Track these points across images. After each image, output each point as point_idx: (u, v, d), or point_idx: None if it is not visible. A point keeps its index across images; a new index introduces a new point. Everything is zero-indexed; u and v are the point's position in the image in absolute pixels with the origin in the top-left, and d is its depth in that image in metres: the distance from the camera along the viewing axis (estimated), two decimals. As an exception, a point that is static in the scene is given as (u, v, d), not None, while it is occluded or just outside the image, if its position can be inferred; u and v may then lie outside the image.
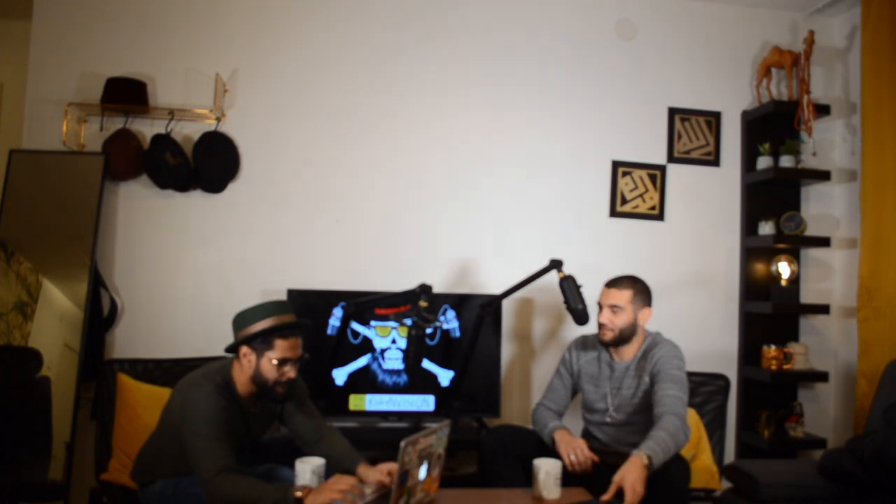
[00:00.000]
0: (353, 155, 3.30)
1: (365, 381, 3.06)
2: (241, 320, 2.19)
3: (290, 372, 2.17)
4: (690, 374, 2.51)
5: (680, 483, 2.18)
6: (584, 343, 2.69)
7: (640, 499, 2.00)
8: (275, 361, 2.14)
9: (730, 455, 3.33)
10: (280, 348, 2.14)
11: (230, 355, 2.25)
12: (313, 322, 3.01)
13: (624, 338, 2.49)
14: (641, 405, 2.46)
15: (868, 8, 3.21)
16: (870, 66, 3.19)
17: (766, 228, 3.40)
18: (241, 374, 2.20)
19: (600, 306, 2.53)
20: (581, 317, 2.70)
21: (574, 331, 3.06)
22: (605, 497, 2.02)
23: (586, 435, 2.62)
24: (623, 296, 2.48)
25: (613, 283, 2.53)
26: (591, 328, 2.75)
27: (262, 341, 2.14)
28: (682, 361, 2.46)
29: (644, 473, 2.04)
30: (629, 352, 2.53)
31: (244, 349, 2.17)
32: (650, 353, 2.48)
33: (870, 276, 3.11)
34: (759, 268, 3.50)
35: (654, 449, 2.12)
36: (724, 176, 3.55)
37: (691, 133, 3.54)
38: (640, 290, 2.52)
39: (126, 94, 3.05)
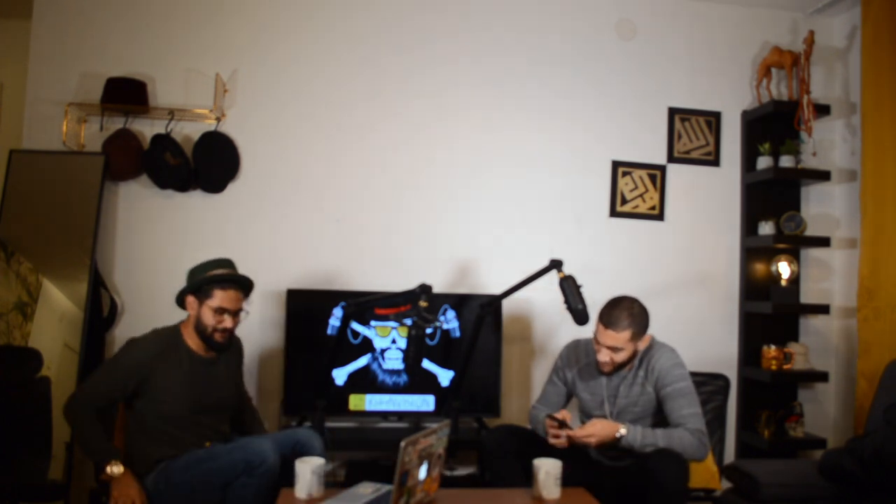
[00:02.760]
0: (353, 154, 3.30)
1: (365, 381, 3.06)
2: (190, 274, 2.41)
3: (226, 321, 2.36)
4: (691, 374, 2.51)
5: (675, 485, 2.18)
6: (576, 349, 2.65)
7: (583, 440, 2.27)
8: (213, 309, 2.34)
9: (730, 455, 3.33)
10: (218, 297, 2.35)
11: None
12: (313, 322, 3.04)
13: (624, 365, 2.45)
14: (643, 413, 2.46)
15: (868, 8, 3.21)
16: (870, 66, 3.19)
17: (766, 228, 3.40)
18: (188, 327, 2.40)
19: (597, 342, 2.41)
20: (581, 317, 2.69)
21: (574, 331, 3.06)
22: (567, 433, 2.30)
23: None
24: (621, 337, 2.35)
25: (610, 323, 2.35)
26: (585, 331, 2.75)
27: (203, 291, 2.35)
28: (684, 368, 2.45)
29: (610, 434, 2.27)
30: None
31: (189, 299, 2.38)
32: (648, 361, 2.46)
33: (870, 276, 3.11)
34: (759, 268, 3.50)
35: (636, 430, 2.28)
36: (724, 176, 3.55)
37: (691, 133, 3.54)
38: (639, 324, 2.38)
39: (126, 94, 3.05)
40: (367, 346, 3.08)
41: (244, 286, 2.44)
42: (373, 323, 3.08)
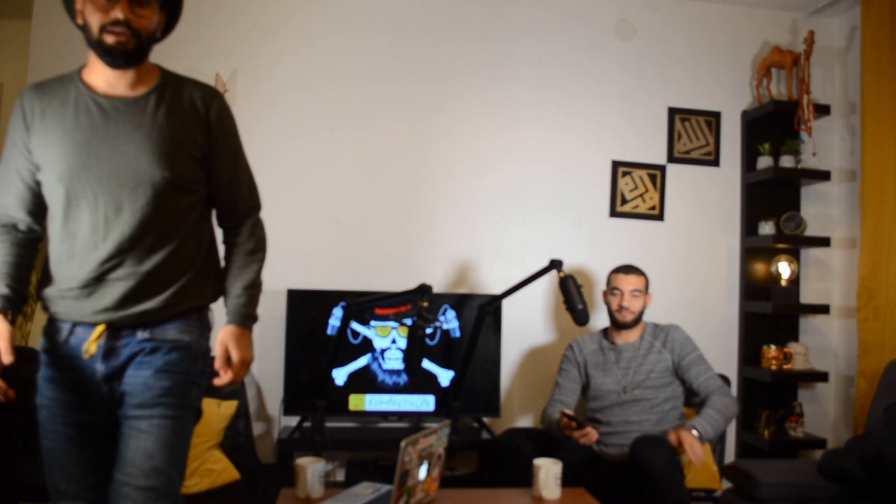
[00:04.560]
0: (352, 154, 3.30)
1: (365, 381, 3.06)
2: None
3: (116, 9, 1.53)
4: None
5: (663, 471, 2.25)
6: (580, 341, 2.83)
7: (700, 458, 2.36)
8: None
9: (730, 455, 3.33)
10: None
11: None
12: (313, 322, 3.03)
13: (638, 320, 2.71)
14: (659, 380, 2.63)
15: (868, 8, 3.21)
16: (869, 66, 3.19)
17: (766, 228, 3.40)
18: (92, 57, 1.64)
19: (618, 291, 2.70)
20: (581, 317, 2.69)
21: (574, 330, 3.07)
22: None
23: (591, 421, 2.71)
24: (641, 281, 2.73)
25: (631, 270, 2.75)
26: (585, 332, 2.76)
27: None
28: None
29: (695, 440, 2.38)
30: (633, 334, 2.73)
31: (77, 3, 1.61)
32: (666, 333, 2.71)
33: (870, 276, 3.11)
34: (759, 268, 3.50)
35: (701, 424, 2.44)
36: (724, 176, 3.55)
37: (691, 133, 3.54)
38: (647, 279, 2.79)
39: (126, 94, 3.02)
40: (367, 346, 3.08)
41: None
42: (373, 323, 3.08)
